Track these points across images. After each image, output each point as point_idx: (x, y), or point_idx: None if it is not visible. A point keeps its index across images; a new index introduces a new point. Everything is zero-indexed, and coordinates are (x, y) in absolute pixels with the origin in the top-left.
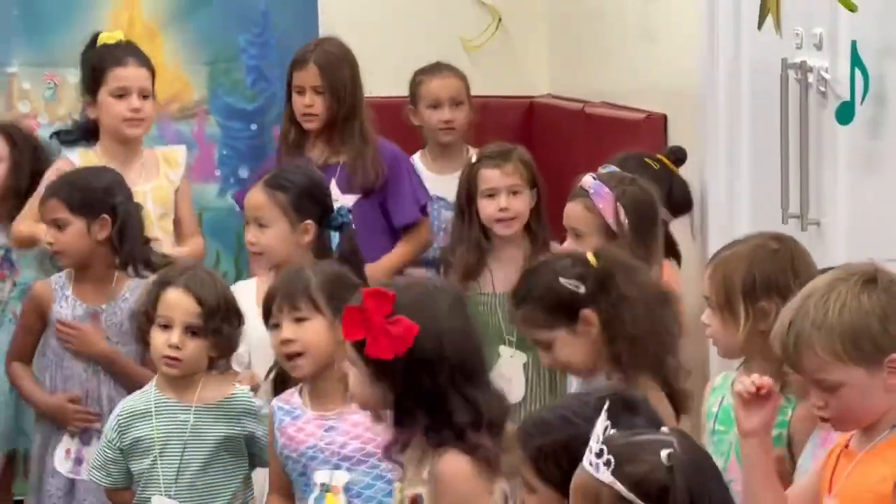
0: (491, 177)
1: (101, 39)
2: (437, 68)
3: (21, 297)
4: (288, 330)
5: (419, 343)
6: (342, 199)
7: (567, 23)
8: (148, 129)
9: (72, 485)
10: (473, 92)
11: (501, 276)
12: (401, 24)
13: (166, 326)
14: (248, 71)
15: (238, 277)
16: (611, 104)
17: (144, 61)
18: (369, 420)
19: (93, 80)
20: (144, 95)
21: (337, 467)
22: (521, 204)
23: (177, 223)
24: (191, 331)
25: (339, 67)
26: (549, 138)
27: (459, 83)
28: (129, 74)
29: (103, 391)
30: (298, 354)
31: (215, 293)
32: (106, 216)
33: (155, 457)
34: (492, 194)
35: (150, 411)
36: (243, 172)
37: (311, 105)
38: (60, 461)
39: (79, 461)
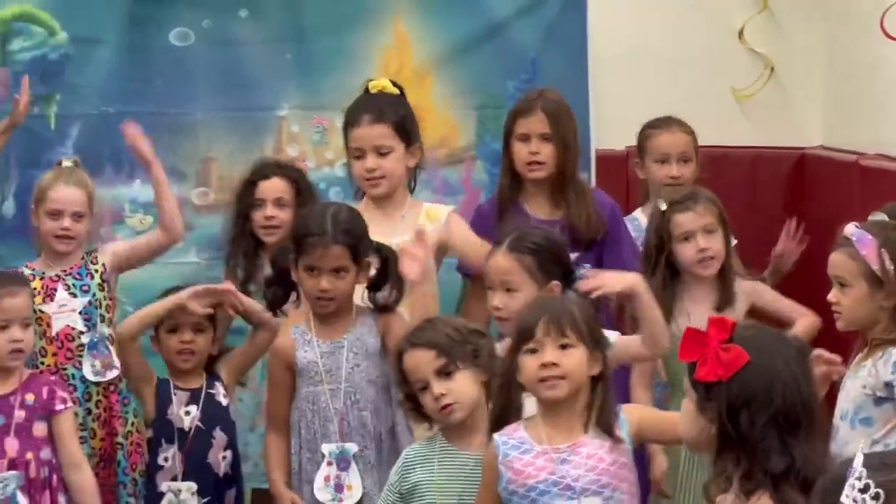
0: (684, 221)
1: (371, 87)
2: (667, 122)
3: None
4: (552, 354)
5: (746, 374)
6: None
7: (843, 72)
8: (391, 185)
9: None
10: (743, 142)
11: (698, 316)
12: (671, 73)
13: (424, 388)
14: None
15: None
16: (887, 156)
17: (383, 117)
18: (603, 451)
19: (343, 137)
20: (382, 153)
21: (571, 499)
22: (718, 242)
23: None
24: (445, 373)
25: (565, 116)
26: (821, 191)
27: (689, 139)
28: (360, 135)
29: (367, 419)
30: (558, 377)
31: (443, 331)
32: (369, 260)
33: (434, 502)
34: (688, 237)
35: (434, 457)
36: None
37: (538, 153)
38: (320, 489)
39: (339, 488)
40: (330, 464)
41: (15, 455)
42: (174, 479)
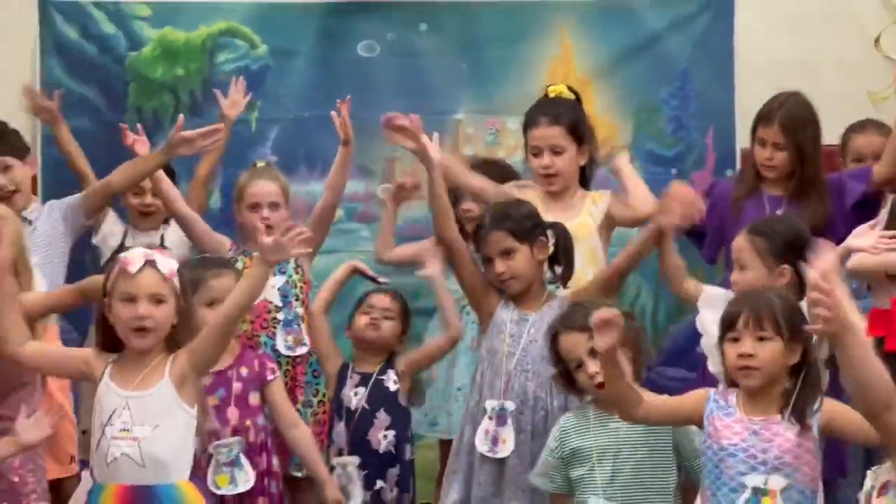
0: None
1: (550, 91)
2: (862, 125)
3: None
4: (749, 345)
5: None
6: None
7: None
8: (563, 182)
9: (500, 470)
10: None
11: None
12: (811, 80)
13: (579, 366)
14: (668, 121)
15: (656, 310)
16: None
17: (559, 120)
18: (791, 433)
19: (524, 135)
20: (556, 151)
21: (754, 469)
22: None
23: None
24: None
25: (802, 126)
26: None
27: (883, 140)
28: (538, 135)
29: (529, 388)
30: (754, 368)
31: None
32: (544, 238)
33: (593, 464)
34: None
35: (588, 425)
36: None
37: (771, 159)
38: (480, 441)
39: (495, 441)
40: (491, 419)
41: (236, 423)
42: (340, 452)
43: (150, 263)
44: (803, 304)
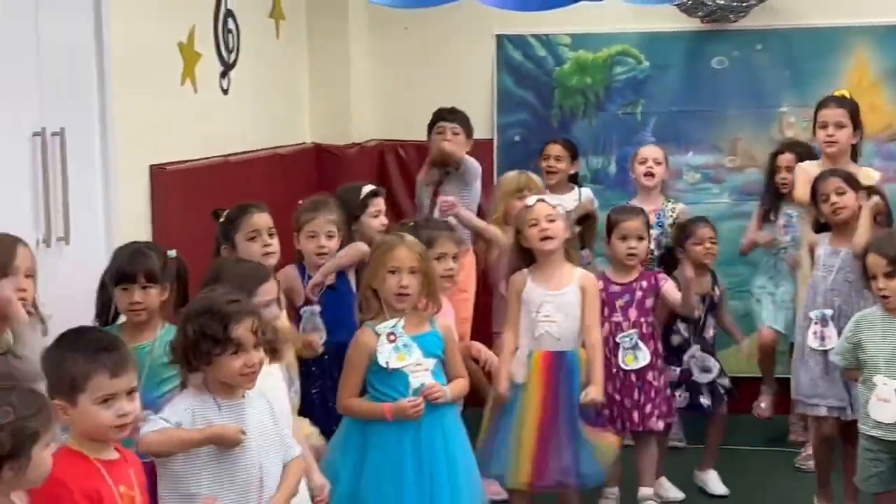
0: None
1: (836, 93)
2: None
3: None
4: None
5: None
6: None
7: None
8: (840, 149)
9: (825, 359)
10: None
11: None
12: None
13: (873, 279)
14: None
15: None
16: None
17: (843, 104)
18: None
19: (815, 114)
20: (839, 125)
21: None
22: None
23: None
24: (891, 275)
25: None
26: None
27: None
28: (826, 113)
29: (836, 302)
30: None
31: (894, 246)
32: (863, 191)
33: (876, 351)
34: None
35: (876, 323)
36: None
37: None
38: (811, 339)
39: (822, 339)
40: (816, 323)
41: (635, 319)
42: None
43: (541, 200)
44: None
